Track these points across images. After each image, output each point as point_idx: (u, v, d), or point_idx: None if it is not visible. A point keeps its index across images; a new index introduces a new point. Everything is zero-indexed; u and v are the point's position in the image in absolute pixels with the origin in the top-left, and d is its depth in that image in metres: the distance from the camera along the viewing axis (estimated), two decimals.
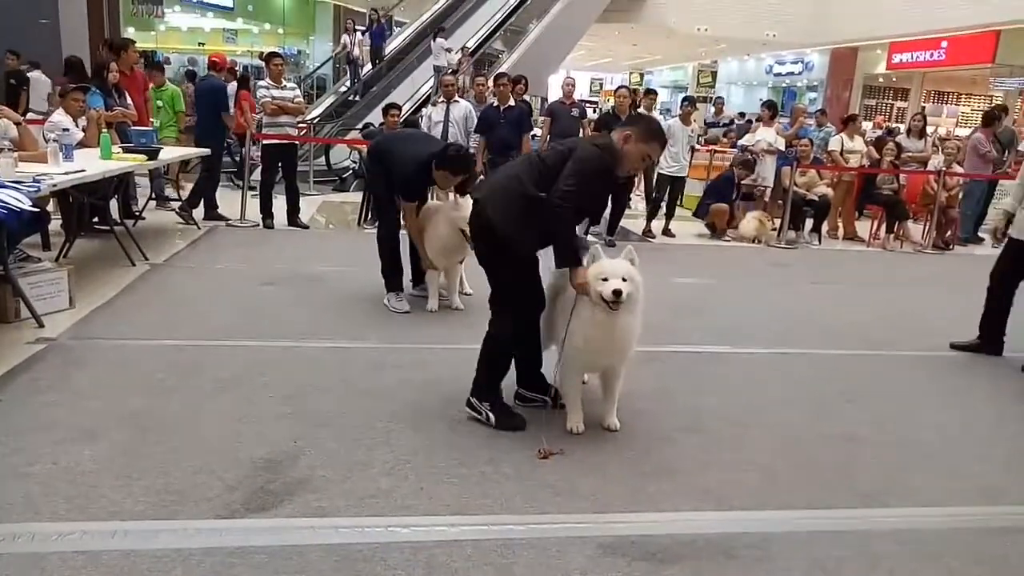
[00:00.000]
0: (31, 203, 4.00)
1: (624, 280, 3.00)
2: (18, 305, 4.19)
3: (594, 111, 14.66)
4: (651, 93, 9.51)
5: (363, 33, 15.60)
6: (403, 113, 9.01)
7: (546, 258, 3.24)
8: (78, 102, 6.21)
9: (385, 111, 7.98)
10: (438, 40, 13.98)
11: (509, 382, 3.42)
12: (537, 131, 9.50)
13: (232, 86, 11.00)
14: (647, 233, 8.55)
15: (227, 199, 7.97)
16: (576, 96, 9.37)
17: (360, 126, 11.62)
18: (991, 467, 3.23)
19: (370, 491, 2.67)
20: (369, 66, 15.38)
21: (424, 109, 9.09)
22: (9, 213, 3.83)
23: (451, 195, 4.75)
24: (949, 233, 9.14)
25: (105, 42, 8.02)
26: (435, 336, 4.46)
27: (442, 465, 2.89)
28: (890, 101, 24.09)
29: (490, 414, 3.24)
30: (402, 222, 5.02)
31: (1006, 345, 4.76)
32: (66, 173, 4.75)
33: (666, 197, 8.71)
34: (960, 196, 9.28)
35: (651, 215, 8.65)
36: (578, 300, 3.09)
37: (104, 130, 6.18)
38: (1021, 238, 4.58)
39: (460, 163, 4.59)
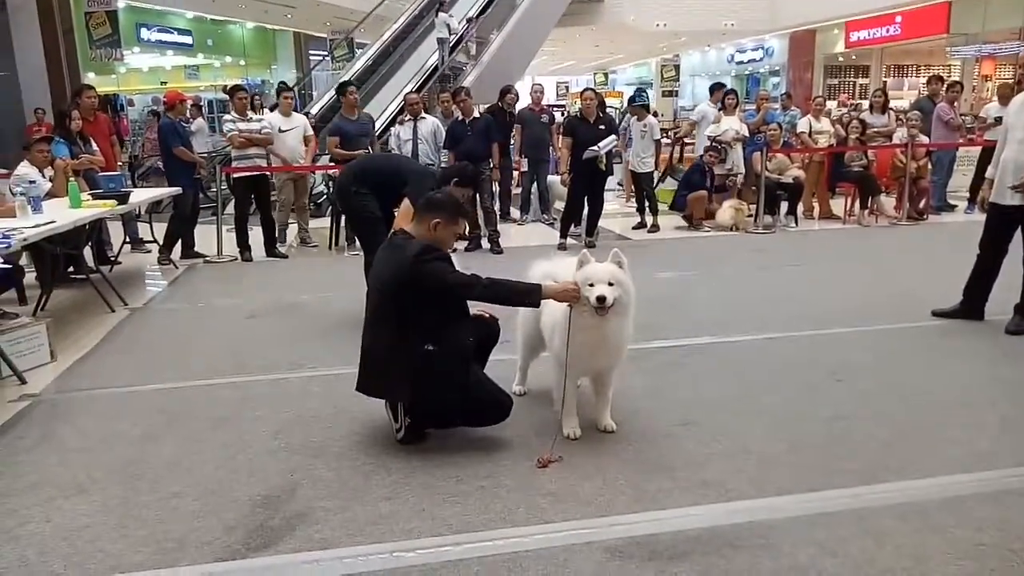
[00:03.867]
0: (2, 259, 3.95)
1: (611, 284, 3.01)
2: None
3: (562, 114, 14.75)
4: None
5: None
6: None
7: None
8: (43, 153, 6.16)
9: None
10: (440, 15, 14.16)
11: (506, 375, 3.43)
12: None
13: (197, 122, 10.87)
14: (652, 228, 8.73)
15: (204, 235, 7.92)
16: (544, 102, 9.41)
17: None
18: (983, 432, 3.26)
19: (371, 518, 2.65)
20: None
21: (392, 128, 9.07)
22: None
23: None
24: (923, 203, 9.26)
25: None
26: None
27: (441, 484, 2.88)
28: (852, 79, 24.39)
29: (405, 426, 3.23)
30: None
31: (987, 308, 4.81)
32: (36, 226, 4.69)
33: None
34: (929, 166, 9.40)
35: (641, 210, 8.98)
36: (568, 305, 3.09)
37: (72, 179, 6.11)
38: (1000, 202, 4.65)
39: (476, 180, 4.92)
